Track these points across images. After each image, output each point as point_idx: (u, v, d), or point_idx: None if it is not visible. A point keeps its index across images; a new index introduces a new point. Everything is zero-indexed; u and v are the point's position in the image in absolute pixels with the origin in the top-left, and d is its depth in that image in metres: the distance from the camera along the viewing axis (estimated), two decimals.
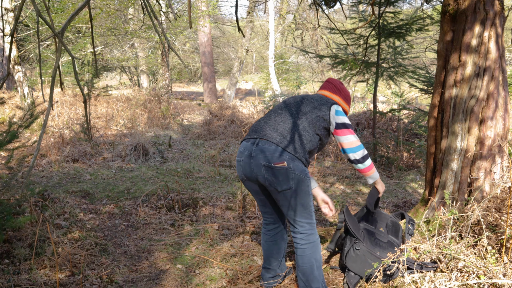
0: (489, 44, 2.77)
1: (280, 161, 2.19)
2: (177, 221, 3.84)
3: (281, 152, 2.21)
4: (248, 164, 2.28)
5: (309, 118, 2.31)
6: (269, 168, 2.20)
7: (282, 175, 2.20)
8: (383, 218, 2.82)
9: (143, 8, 2.31)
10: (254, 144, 2.27)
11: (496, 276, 2.18)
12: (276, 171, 2.20)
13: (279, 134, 2.27)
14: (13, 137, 3.10)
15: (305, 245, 2.35)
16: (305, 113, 2.33)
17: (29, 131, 7.35)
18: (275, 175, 2.21)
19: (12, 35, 1.86)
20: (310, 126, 2.30)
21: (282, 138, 2.25)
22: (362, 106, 11.57)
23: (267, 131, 2.29)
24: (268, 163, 2.20)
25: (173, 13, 2.55)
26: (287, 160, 2.20)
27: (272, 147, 2.22)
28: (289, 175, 2.20)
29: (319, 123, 2.32)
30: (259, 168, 2.23)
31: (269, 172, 2.21)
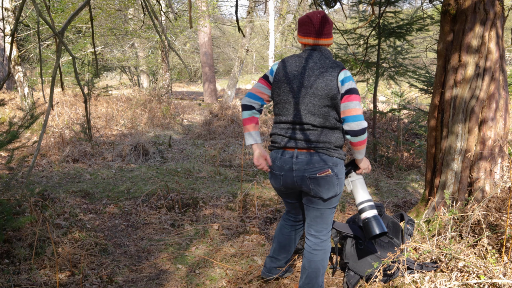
0: (490, 45, 2.77)
1: (324, 170, 2.16)
2: (177, 221, 3.84)
3: (323, 160, 2.16)
4: (290, 178, 2.22)
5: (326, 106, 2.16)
6: (314, 179, 2.17)
7: (328, 183, 2.18)
8: (384, 219, 2.82)
9: (143, 8, 2.31)
10: (293, 157, 2.20)
11: (496, 276, 2.18)
12: (322, 180, 2.17)
13: (312, 136, 2.17)
14: (13, 137, 3.10)
15: (317, 250, 2.33)
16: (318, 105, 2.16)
17: (30, 131, 7.35)
18: (320, 185, 2.18)
19: (13, 35, 1.86)
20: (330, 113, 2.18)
21: (317, 142, 2.17)
22: (362, 106, 11.57)
23: (300, 137, 2.19)
24: (313, 175, 2.16)
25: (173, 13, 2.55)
26: (331, 167, 2.17)
27: (313, 158, 2.16)
28: (334, 181, 2.19)
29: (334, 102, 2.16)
30: (303, 180, 2.19)
31: (314, 183, 2.18)
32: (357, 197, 2.40)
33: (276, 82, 2.24)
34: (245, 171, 5.64)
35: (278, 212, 4.00)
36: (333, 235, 2.71)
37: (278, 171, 2.25)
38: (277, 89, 2.25)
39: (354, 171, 2.41)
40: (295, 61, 2.24)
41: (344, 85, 2.13)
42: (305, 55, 2.23)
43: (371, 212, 2.34)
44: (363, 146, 2.21)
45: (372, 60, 6.32)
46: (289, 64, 2.24)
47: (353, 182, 2.40)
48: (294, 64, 2.23)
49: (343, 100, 2.13)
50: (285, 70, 2.23)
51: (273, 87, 2.26)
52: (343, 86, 2.13)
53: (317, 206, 2.26)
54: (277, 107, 2.27)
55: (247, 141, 2.29)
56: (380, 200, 4.62)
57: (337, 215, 3.94)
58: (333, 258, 2.94)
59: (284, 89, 2.22)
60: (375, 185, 5.25)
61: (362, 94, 12.44)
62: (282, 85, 2.23)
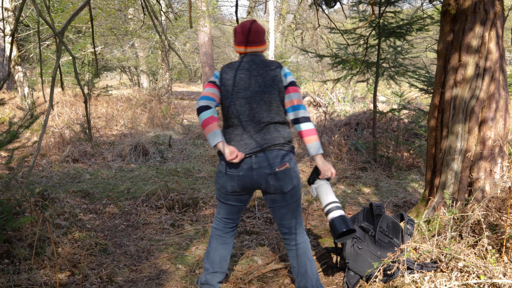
0: (490, 45, 2.77)
1: (282, 164, 2.25)
2: (177, 221, 3.84)
3: (280, 155, 2.26)
4: (249, 177, 2.28)
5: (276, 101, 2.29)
6: (274, 174, 2.25)
7: (286, 177, 2.27)
8: (384, 219, 2.82)
9: (143, 8, 2.31)
10: (251, 157, 2.26)
11: (496, 276, 2.18)
12: (281, 174, 2.26)
13: (267, 134, 2.27)
14: (13, 137, 3.10)
15: (297, 245, 2.40)
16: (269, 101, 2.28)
17: (30, 131, 7.35)
18: (280, 179, 2.26)
19: (13, 35, 1.86)
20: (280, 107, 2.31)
21: (272, 138, 2.27)
22: (362, 106, 11.56)
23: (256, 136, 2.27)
24: (272, 171, 2.25)
25: (173, 13, 2.55)
26: (288, 161, 2.27)
27: (271, 154, 2.25)
28: (292, 174, 2.28)
29: (281, 96, 2.30)
30: (263, 177, 2.27)
31: (274, 178, 2.26)
32: (322, 201, 2.38)
33: (224, 86, 2.31)
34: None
35: None
36: None
37: (236, 172, 2.29)
38: (225, 92, 2.31)
39: (317, 178, 2.40)
40: (238, 65, 2.33)
41: (287, 78, 2.30)
42: (246, 59, 2.34)
43: (337, 212, 2.31)
44: (314, 137, 2.27)
45: (372, 60, 6.32)
46: (232, 68, 2.33)
47: (317, 188, 2.40)
48: (240, 70, 2.32)
49: (287, 91, 2.29)
50: (230, 74, 2.31)
51: (223, 95, 2.32)
52: (286, 79, 2.30)
53: (282, 203, 2.33)
54: (227, 111, 2.32)
55: (212, 141, 2.24)
56: (380, 200, 4.62)
57: None
58: (333, 258, 2.94)
59: (233, 91, 2.29)
60: (375, 185, 5.25)
61: (362, 94, 12.45)
62: (229, 88, 2.30)
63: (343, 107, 11.76)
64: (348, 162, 6.41)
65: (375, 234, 2.65)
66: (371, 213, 2.83)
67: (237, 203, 2.43)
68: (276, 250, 3.17)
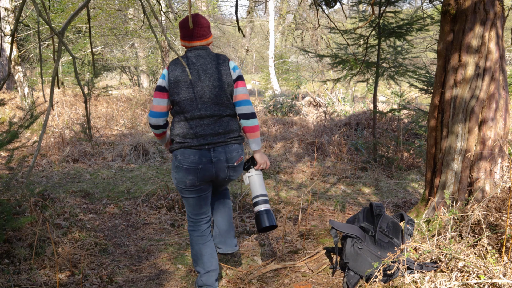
0: (490, 45, 2.77)
1: (239, 158, 2.46)
2: (177, 221, 3.84)
3: (236, 149, 2.43)
4: (209, 170, 2.38)
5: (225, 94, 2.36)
6: (232, 167, 2.45)
7: (240, 168, 2.52)
8: (384, 219, 2.82)
9: (143, 8, 2.30)
10: (210, 151, 2.36)
11: (496, 276, 2.18)
12: (238, 167, 2.48)
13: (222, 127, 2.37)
14: (13, 137, 3.10)
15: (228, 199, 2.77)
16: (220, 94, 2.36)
17: (30, 131, 7.35)
18: (236, 170, 2.49)
19: (13, 35, 1.86)
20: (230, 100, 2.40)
21: (227, 132, 2.39)
22: (362, 106, 11.56)
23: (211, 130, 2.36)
24: (231, 164, 2.43)
25: (173, 13, 2.55)
26: (242, 154, 2.48)
27: (228, 148, 2.39)
28: (242, 164, 2.54)
29: (230, 89, 2.39)
30: (222, 170, 2.41)
31: (232, 170, 2.46)
32: (253, 192, 2.52)
33: (173, 83, 2.33)
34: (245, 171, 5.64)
35: (278, 212, 4.00)
36: (333, 235, 2.71)
37: (195, 165, 2.35)
38: (175, 89, 2.33)
39: (253, 167, 2.54)
40: (185, 61, 2.36)
41: (235, 72, 2.38)
42: (192, 54, 2.38)
43: (264, 206, 2.46)
44: (257, 133, 2.41)
45: (372, 60, 6.32)
46: (180, 64, 2.35)
47: (251, 178, 2.53)
48: (186, 63, 2.36)
49: (237, 85, 2.38)
50: (178, 70, 2.34)
51: (171, 90, 2.35)
52: (234, 73, 2.38)
53: (226, 184, 2.64)
54: (179, 105, 2.35)
55: (163, 141, 2.58)
56: (380, 200, 4.62)
57: (337, 215, 3.94)
58: (333, 258, 2.94)
59: (183, 87, 2.32)
60: (375, 185, 5.25)
61: (362, 94, 12.46)
62: (180, 84, 2.32)
63: (343, 107, 11.76)
64: (348, 162, 6.41)
65: (375, 234, 2.65)
66: (371, 213, 2.83)
67: (200, 194, 2.47)
68: (276, 250, 3.17)
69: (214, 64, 2.35)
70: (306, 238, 3.36)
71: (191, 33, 2.35)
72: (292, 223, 3.64)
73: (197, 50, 2.38)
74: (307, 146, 7.30)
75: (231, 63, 2.39)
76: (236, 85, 2.37)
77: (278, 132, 8.63)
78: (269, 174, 5.64)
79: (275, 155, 6.73)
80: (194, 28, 2.33)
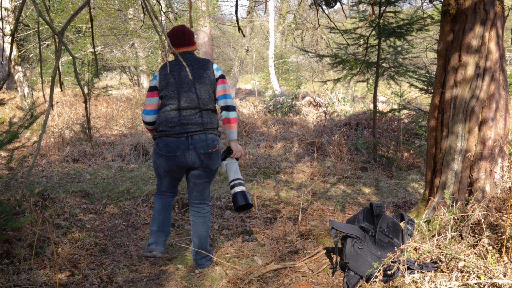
0: (490, 45, 2.77)
1: (214, 147, 2.72)
2: (177, 221, 3.84)
3: (212, 138, 2.70)
4: (186, 157, 2.66)
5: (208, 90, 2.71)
6: (207, 154, 2.69)
7: (216, 156, 2.75)
8: (384, 219, 2.82)
9: (143, 8, 2.31)
10: (188, 138, 2.65)
11: (496, 276, 2.18)
12: (213, 154, 2.72)
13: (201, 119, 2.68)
14: (13, 137, 3.10)
15: (206, 213, 2.90)
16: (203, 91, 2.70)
17: (29, 131, 7.35)
18: (211, 158, 2.72)
19: (13, 35, 1.86)
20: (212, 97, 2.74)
21: (205, 123, 2.69)
22: (362, 106, 11.56)
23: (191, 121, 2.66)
24: (206, 151, 2.68)
25: (173, 13, 2.57)
26: (217, 144, 2.74)
27: (204, 137, 2.68)
28: (219, 154, 2.78)
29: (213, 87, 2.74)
30: (198, 157, 2.68)
31: (207, 158, 2.70)
32: (229, 176, 2.88)
33: (163, 81, 2.71)
34: (245, 171, 5.64)
35: (278, 212, 4.00)
36: (333, 235, 2.71)
37: (173, 153, 2.66)
38: (164, 86, 2.71)
39: (229, 156, 2.90)
40: (175, 64, 2.73)
41: (218, 72, 2.76)
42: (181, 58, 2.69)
43: (240, 188, 2.82)
44: (235, 125, 2.76)
45: (372, 60, 6.32)
46: (171, 65, 2.74)
47: (227, 165, 2.90)
48: (175, 65, 2.73)
49: (219, 82, 2.74)
50: (168, 71, 2.68)
51: (160, 87, 2.73)
52: (217, 72, 2.75)
53: (204, 180, 2.81)
54: (167, 98, 2.71)
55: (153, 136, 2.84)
56: (380, 200, 4.62)
57: (337, 215, 3.94)
58: (333, 258, 2.94)
59: (172, 83, 2.69)
60: (375, 185, 5.25)
61: (362, 94, 12.46)
62: (170, 81, 2.69)
63: (343, 107, 11.76)
64: (348, 162, 6.41)
65: (375, 234, 2.65)
66: (371, 213, 2.82)
67: (173, 179, 2.84)
68: (276, 250, 3.16)
69: (199, 65, 2.72)
70: (306, 238, 3.35)
71: (178, 41, 2.73)
72: (292, 223, 3.64)
73: (184, 55, 2.76)
74: (307, 146, 7.30)
75: (214, 65, 2.77)
76: (218, 82, 2.73)
77: (278, 132, 8.63)
78: (269, 174, 5.64)
79: (275, 155, 6.73)
80: (180, 36, 2.73)
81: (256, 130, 8.80)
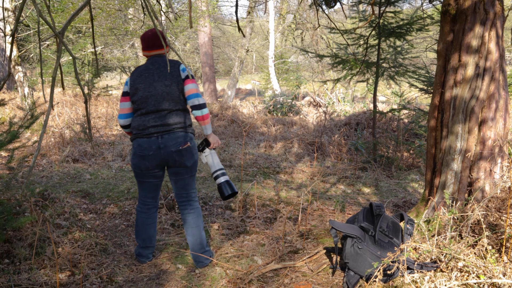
0: (490, 45, 2.77)
1: (185, 144, 2.80)
2: (177, 221, 3.84)
3: (182, 136, 2.80)
4: (158, 155, 2.77)
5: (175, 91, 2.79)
6: (178, 152, 2.78)
7: (188, 153, 2.82)
8: (384, 219, 2.82)
9: (143, 8, 2.31)
10: (158, 138, 2.76)
11: (496, 276, 2.18)
12: (184, 151, 2.80)
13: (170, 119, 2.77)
14: (13, 137, 3.10)
15: (194, 209, 2.97)
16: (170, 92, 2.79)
17: (30, 131, 7.35)
18: (183, 155, 2.80)
19: (13, 35, 1.86)
20: (180, 97, 2.81)
21: (174, 123, 2.78)
22: (362, 106, 11.56)
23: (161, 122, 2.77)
24: (177, 149, 2.77)
25: (173, 13, 2.57)
26: (189, 141, 2.83)
27: (174, 135, 2.77)
28: (192, 151, 2.85)
29: (180, 87, 2.81)
30: (170, 154, 2.77)
31: (178, 155, 2.79)
32: (211, 168, 2.96)
33: (133, 86, 2.83)
34: (245, 171, 5.64)
35: (278, 212, 4.00)
36: (333, 235, 2.72)
37: (147, 152, 2.77)
38: (134, 90, 2.83)
39: (207, 147, 3.00)
40: (145, 68, 2.85)
41: (184, 72, 2.82)
42: (150, 61, 2.87)
43: (224, 177, 2.92)
44: (208, 120, 2.85)
45: (372, 60, 6.32)
46: (141, 70, 2.86)
47: (207, 156, 2.99)
48: (144, 69, 2.85)
49: (186, 82, 2.81)
50: (138, 76, 2.84)
51: (131, 93, 2.85)
52: (183, 73, 2.82)
53: (183, 176, 2.89)
54: (137, 103, 2.83)
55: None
56: (380, 200, 4.62)
57: (337, 215, 3.94)
58: (333, 258, 2.94)
59: (140, 88, 2.80)
60: (375, 185, 5.26)
61: (362, 94, 12.46)
62: (139, 86, 2.81)
63: (343, 107, 11.76)
64: (348, 162, 6.42)
65: (375, 234, 2.65)
66: (371, 213, 2.83)
67: (153, 180, 2.92)
68: (276, 250, 3.17)
69: (167, 67, 2.80)
70: (306, 238, 3.36)
71: (149, 44, 2.85)
72: (292, 223, 3.64)
73: (154, 58, 2.87)
74: (307, 146, 7.31)
75: (181, 66, 2.82)
76: (185, 83, 2.81)
77: (278, 132, 8.63)
78: (269, 174, 5.65)
79: (275, 155, 6.74)
80: (150, 40, 2.84)
81: (256, 130, 8.81)
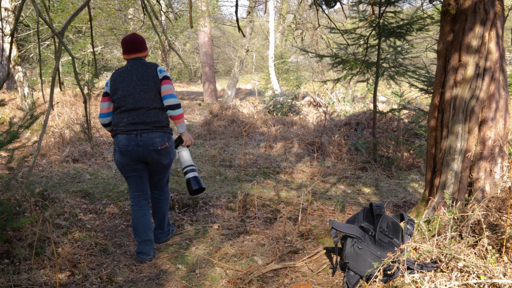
0: (490, 45, 2.77)
1: (163, 144, 2.96)
2: (177, 221, 3.84)
3: (160, 136, 2.96)
4: (137, 151, 2.93)
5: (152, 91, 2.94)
6: (156, 151, 2.95)
7: (166, 153, 3.01)
8: (384, 219, 2.82)
9: (143, 8, 2.31)
10: (137, 136, 2.91)
11: (496, 276, 2.18)
12: (162, 151, 2.98)
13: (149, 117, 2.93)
14: (13, 137, 3.10)
15: (164, 198, 3.29)
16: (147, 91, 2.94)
17: (30, 131, 7.35)
18: (161, 154, 2.99)
19: (12, 35, 1.86)
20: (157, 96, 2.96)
21: (153, 122, 2.93)
22: (362, 106, 11.56)
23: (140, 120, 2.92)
24: (155, 148, 2.94)
25: (173, 13, 2.57)
26: (167, 141, 2.99)
27: (152, 135, 2.93)
28: (170, 150, 3.04)
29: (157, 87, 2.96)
30: (148, 152, 2.94)
31: (156, 154, 2.96)
32: (183, 163, 3.16)
33: (112, 86, 2.98)
34: (245, 171, 5.64)
35: (278, 212, 4.00)
36: (333, 235, 2.71)
37: (126, 148, 2.92)
38: (114, 90, 2.98)
39: (181, 144, 3.19)
40: (124, 69, 3.00)
41: (161, 73, 2.99)
42: (130, 64, 3.03)
43: (193, 173, 3.12)
44: (182, 119, 3.02)
45: (372, 60, 6.32)
46: (120, 72, 3.01)
47: (180, 153, 3.19)
48: (123, 71, 3.00)
49: (162, 83, 2.97)
50: (117, 76, 3.00)
51: (111, 92, 3.00)
52: (160, 74, 2.98)
53: (161, 172, 3.14)
54: (116, 102, 2.98)
55: None
56: (380, 200, 4.62)
57: (337, 215, 3.94)
58: (333, 258, 2.94)
59: (120, 87, 2.96)
60: (375, 185, 5.25)
61: (362, 94, 12.46)
62: (118, 86, 2.96)
63: (343, 107, 11.76)
64: (348, 162, 6.41)
65: (375, 234, 2.65)
66: (371, 213, 2.83)
67: (135, 173, 3.05)
68: (276, 250, 3.17)
69: (145, 68, 2.98)
70: (306, 238, 3.36)
71: (129, 48, 3.02)
72: (292, 223, 3.64)
73: (133, 60, 3.03)
74: (307, 146, 7.30)
75: (158, 67, 3.00)
76: (162, 83, 2.96)
77: (278, 132, 8.63)
78: (269, 174, 5.65)
79: (275, 155, 6.73)
80: (130, 44, 3.01)
81: (256, 130, 8.81)
